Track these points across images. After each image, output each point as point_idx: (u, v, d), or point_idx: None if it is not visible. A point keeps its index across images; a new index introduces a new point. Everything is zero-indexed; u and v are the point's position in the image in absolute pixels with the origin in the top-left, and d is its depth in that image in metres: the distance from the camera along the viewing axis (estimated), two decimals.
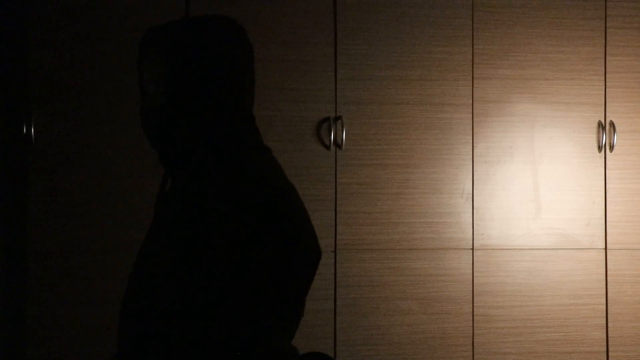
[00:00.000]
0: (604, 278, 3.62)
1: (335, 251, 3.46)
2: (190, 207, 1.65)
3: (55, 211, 3.33)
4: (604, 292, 3.61)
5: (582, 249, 3.61)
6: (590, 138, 3.62)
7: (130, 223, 3.33)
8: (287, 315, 1.61)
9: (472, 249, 3.55)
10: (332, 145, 3.47)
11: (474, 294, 3.55)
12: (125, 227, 3.34)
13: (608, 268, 3.62)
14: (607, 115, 3.62)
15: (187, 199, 1.66)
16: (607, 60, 3.63)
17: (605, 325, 3.61)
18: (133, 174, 3.35)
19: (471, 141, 3.56)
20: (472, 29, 3.57)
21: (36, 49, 3.34)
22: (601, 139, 3.61)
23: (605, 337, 3.61)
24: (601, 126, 3.61)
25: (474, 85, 3.56)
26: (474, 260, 3.55)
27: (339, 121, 3.47)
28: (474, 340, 3.54)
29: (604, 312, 3.61)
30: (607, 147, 3.61)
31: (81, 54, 3.36)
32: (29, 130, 3.31)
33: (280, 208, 1.61)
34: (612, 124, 3.61)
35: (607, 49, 3.63)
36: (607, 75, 3.63)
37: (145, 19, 3.36)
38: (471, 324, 3.54)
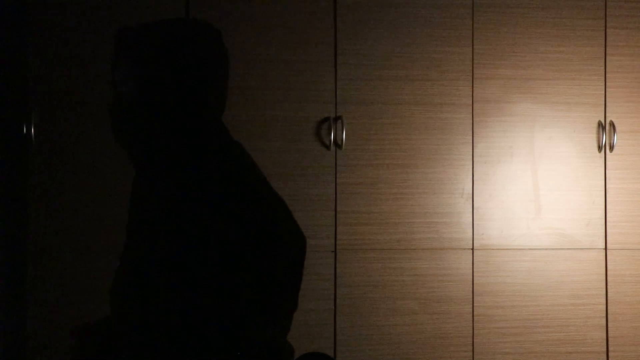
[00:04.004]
0: (604, 278, 3.62)
1: (335, 251, 3.46)
2: (194, 207, 1.65)
3: (54, 211, 3.33)
4: (604, 292, 3.61)
5: (582, 249, 3.61)
6: (590, 138, 3.62)
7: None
8: (282, 310, 1.62)
9: (472, 249, 3.55)
10: (332, 145, 3.47)
11: (474, 294, 3.55)
12: (125, 227, 3.33)
13: (608, 268, 3.62)
14: (607, 115, 3.62)
15: (191, 199, 1.66)
16: (607, 60, 3.63)
17: (605, 325, 3.61)
18: (133, 173, 3.35)
19: (471, 141, 3.56)
20: (472, 29, 3.57)
21: (36, 49, 3.34)
22: (601, 139, 3.61)
23: (605, 337, 3.61)
24: (601, 126, 3.61)
25: (474, 85, 3.56)
26: (474, 260, 3.55)
27: (339, 121, 3.47)
28: (474, 340, 3.54)
29: (604, 312, 3.61)
30: (607, 147, 3.62)
31: (81, 54, 3.36)
32: (29, 130, 3.31)
33: (267, 203, 1.62)
34: (612, 124, 3.61)
35: (607, 49, 3.63)
36: (607, 75, 3.63)
37: (145, 19, 3.35)
38: (471, 324, 3.54)
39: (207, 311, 1.59)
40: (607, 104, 3.63)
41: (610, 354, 3.61)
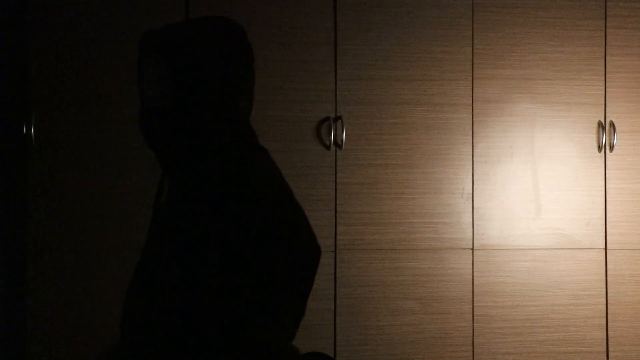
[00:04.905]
0: (604, 278, 3.62)
1: (335, 251, 3.46)
2: (194, 207, 1.65)
3: (54, 211, 3.33)
4: (604, 292, 3.61)
5: (582, 249, 3.61)
6: (590, 138, 3.62)
7: (130, 223, 3.33)
8: (288, 314, 1.61)
9: (472, 249, 3.55)
10: (332, 145, 3.47)
11: (474, 294, 3.55)
12: (125, 227, 3.34)
13: (608, 268, 3.62)
14: (607, 115, 3.62)
15: (192, 199, 1.66)
16: (607, 60, 3.63)
17: (605, 325, 3.61)
18: (133, 173, 3.35)
19: (471, 141, 3.56)
20: (472, 29, 3.57)
21: (36, 49, 3.34)
22: (601, 139, 3.61)
23: (605, 337, 3.61)
24: (601, 126, 3.61)
25: (474, 85, 3.56)
26: (474, 260, 3.55)
27: (339, 121, 3.47)
28: (474, 340, 3.54)
29: (604, 312, 3.61)
30: (607, 147, 3.61)
31: (81, 54, 3.36)
32: (29, 130, 3.31)
33: (284, 207, 1.62)
34: (612, 124, 3.61)
35: (607, 49, 3.63)
36: (607, 75, 3.63)
37: (145, 19, 3.36)
38: (471, 324, 3.54)
39: (207, 311, 1.59)
40: (607, 104, 3.63)
41: (610, 354, 3.61)
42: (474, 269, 3.55)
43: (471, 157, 3.56)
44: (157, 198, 1.80)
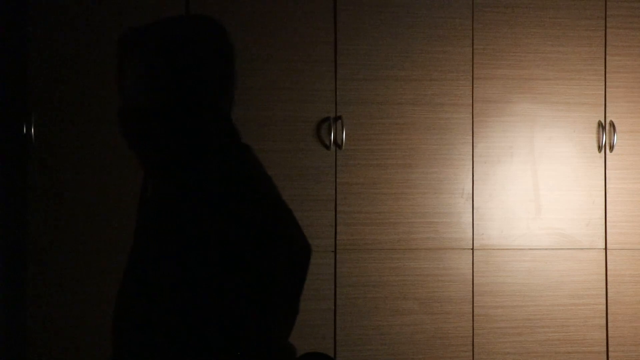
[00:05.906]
0: (604, 278, 3.62)
1: (335, 251, 3.46)
2: (194, 207, 1.65)
3: (54, 211, 3.33)
4: (604, 292, 3.61)
5: (582, 249, 3.61)
6: (590, 138, 3.62)
7: (130, 223, 3.31)
8: (283, 312, 1.62)
9: (472, 249, 3.55)
10: (332, 145, 3.47)
11: (474, 294, 3.55)
12: (125, 227, 3.32)
13: (608, 268, 3.62)
14: (607, 115, 3.62)
15: (192, 199, 1.66)
16: (607, 60, 3.63)
17: (605, 325, 3.61)
18: (133, 173, 3.35)
19: (471, 141, 3.56)
20: (472, 29, 3.57)
21: (36, 49, 3.34)
22: (601, 139, 3.61)
23: (605, 337, 3.61)
24: (601, 126, 3.61)
25: (474, 85, 3.56)
26: (474, 260, 3.55)
27: (339, 121, 3.47)
28: (474, 340, 3.54)
29: (604, 312, 3.61)
30: (607, 147, 3.61)
31: (81, 53, 3.36)
32: (29, 130, 3.31)
33: (282, 207, 1.62)
34: (612, 124, 3.61)
35: (607, 49, 3.63)
36: (607, 75, 3.63)
37: (145, 19, 3.35)
38: (471, 324, 3.54)
39: (207, 311, 1.59)
40: (607, 104, 3.63)
41: (610, 354, 3.61)
42: (474, 269, 3.55)
43: (471, 157, 3.56)
44: (142, 200, 1.81)
